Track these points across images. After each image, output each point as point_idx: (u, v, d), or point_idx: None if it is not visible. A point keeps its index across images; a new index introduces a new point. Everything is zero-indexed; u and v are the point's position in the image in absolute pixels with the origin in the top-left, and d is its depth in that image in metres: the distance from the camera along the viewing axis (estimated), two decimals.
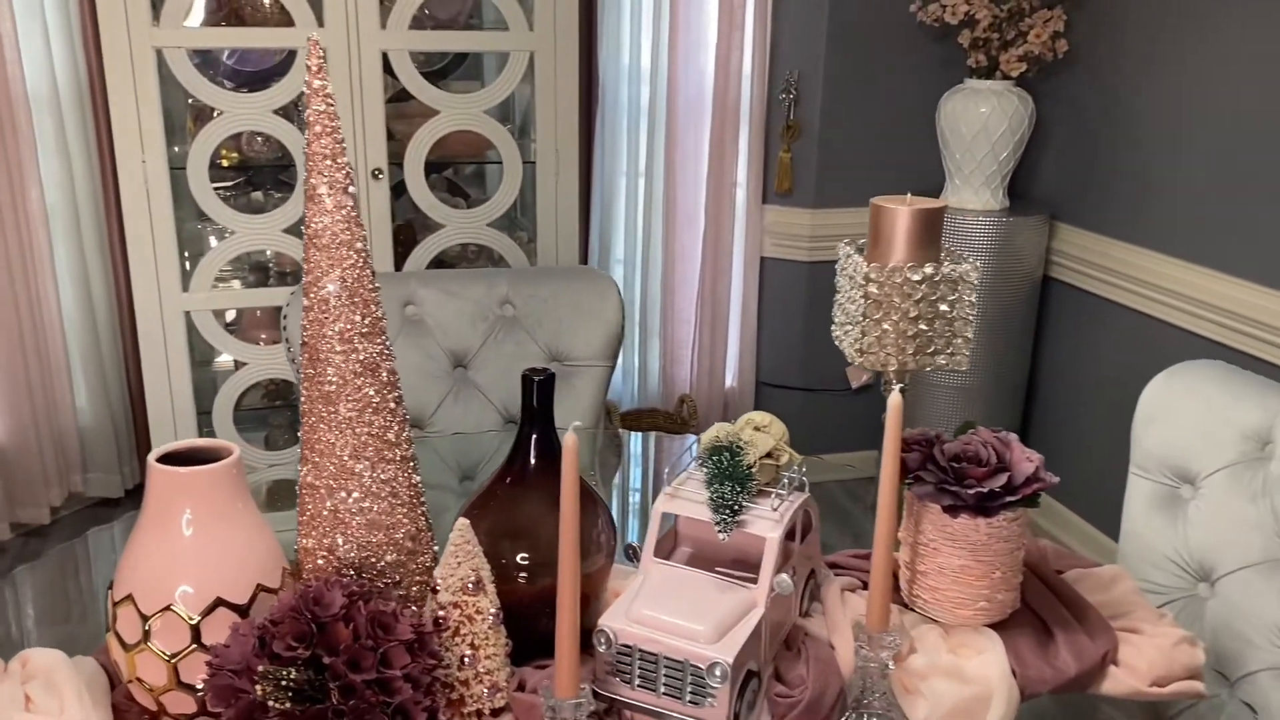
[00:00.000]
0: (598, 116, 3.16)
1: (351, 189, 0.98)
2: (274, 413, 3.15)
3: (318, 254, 0.97)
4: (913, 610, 1.18)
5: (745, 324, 3.33)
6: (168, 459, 0.98)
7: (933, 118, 2.95)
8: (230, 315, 3.06)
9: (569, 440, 0.88)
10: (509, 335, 1.86)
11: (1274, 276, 2.33)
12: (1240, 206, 2.41)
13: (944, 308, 1.01)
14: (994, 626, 1.14)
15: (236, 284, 3.07)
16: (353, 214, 0.98)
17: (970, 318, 1.04)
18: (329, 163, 0.97)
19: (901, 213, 1.02)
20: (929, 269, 1.00)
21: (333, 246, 0.97)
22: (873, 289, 1.02)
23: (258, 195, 3.13)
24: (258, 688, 0.83)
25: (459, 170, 3.36)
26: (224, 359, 3.06)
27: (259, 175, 3.04)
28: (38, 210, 2.78)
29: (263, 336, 2.94)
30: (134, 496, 3.08)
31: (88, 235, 2.90)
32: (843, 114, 3.10)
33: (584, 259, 3.27)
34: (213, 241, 2.94)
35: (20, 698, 0.98)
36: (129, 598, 0.95)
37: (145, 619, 0.94)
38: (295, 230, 2.76)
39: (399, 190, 2.92)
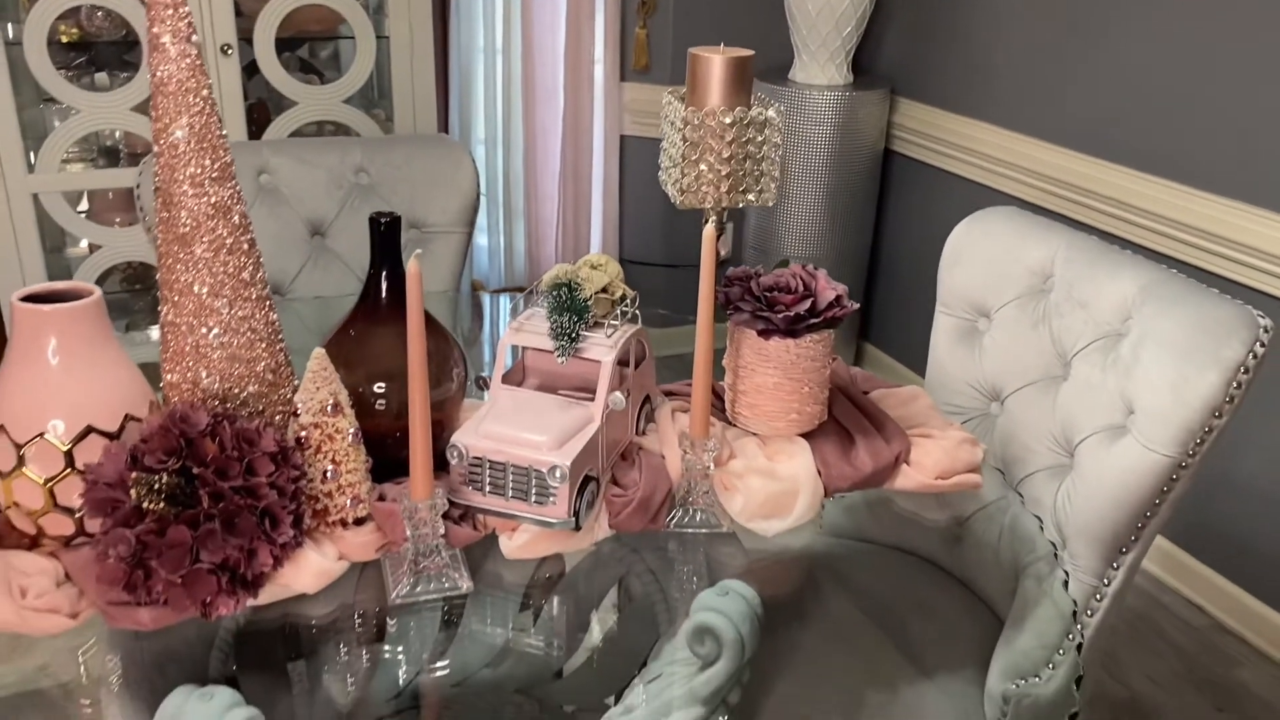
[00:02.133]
0: None
1: (195, 38, 1.03)
2: (135, 297, 3.11)
3: (165, 101, 1.02)
4: (735, 426, 1.32)
5: (608, 202, 3.42)
6: (30, 301, 1.03)
7: None
8: (84, 204, 2.99)
9: (411, 265, 0.98)
10: (365, 203, 1.91)
11: (1079, 141, 2.54)
12: (1054, 78, 2.60)
13: (752, 148, 1.13)
14: (804, 436, 1.30)
15: (86, 168, 2.99)
16: (197, 62, 1.03)
17: (776, 158, 1.16)
18: (170, 11, 1.01)
19: (715, 60, 1.12)
20: (738, 112, 1.12)
21: (179, 94, 1.02)
22: (689, 132, 1.12)
23: (102, 76, 3.03)
24: (132, 492, 0.92)
25: (314, 49, 3.31)
26: (80, 248, 3.00)
27: (102, 54, 2.94)
28: None
29: (117, 219, 2.89)
30: None
31: None
32: None
33: None
34: (57, 123, 2.85)
35: None
36: (1, 428, 1.01)
37: (19, 447, 1.01)
38: (143, 108, 2.70)
39: (252, 70, 2.88)
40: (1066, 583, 1.17)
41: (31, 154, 2.73)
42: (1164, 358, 1.29)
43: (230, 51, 2.73)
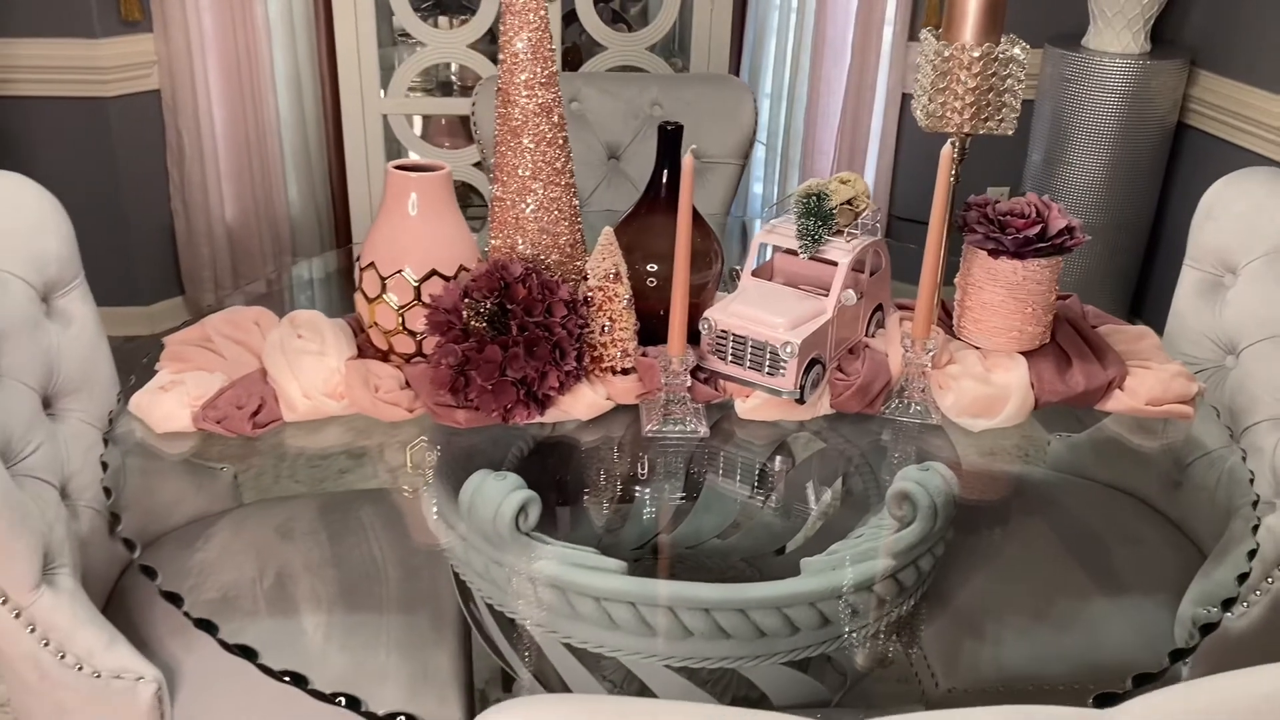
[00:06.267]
0: None
1: None
2: None
3: (511, 18, 1.30)
4: (960, 339, 1.47)
5: (882, 159, 3.52)
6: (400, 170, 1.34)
7: None
8: (418, 130, 3.47)
9: (687, 159, 1.20)
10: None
11: None
12: None
13: (996, 81, 1.27)
14: (1024, 355, 1.42)
15: (424, 96, 3.46)
16: None
17: (1019, 91, 1.29)
18: None
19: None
20: (986, 47, 1.26)
21: (523, 12, 1.29)
22: (939, 63, 1.28)
23: (444, 20, 3.50)
24: (464, 312, 1.20)
25: (625, 3, 3.63)
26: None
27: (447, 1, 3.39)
28: (261, 24, 3.20)
29: (446, 142, 3.34)
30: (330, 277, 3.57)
31: (301, 46, 3.31)
32: None
33: None
34: (406, 56, 3.33)
35: (293, 334, 1.39)
36: (371, 264, 1.33)
37: (383, 279, 1.32)
38: (478, 46, 3.10)
39: (571, 19, 3.22)
40: (1256, 503, 1.24)
41: (385, 83, 3.21)
42: None
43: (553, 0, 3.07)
